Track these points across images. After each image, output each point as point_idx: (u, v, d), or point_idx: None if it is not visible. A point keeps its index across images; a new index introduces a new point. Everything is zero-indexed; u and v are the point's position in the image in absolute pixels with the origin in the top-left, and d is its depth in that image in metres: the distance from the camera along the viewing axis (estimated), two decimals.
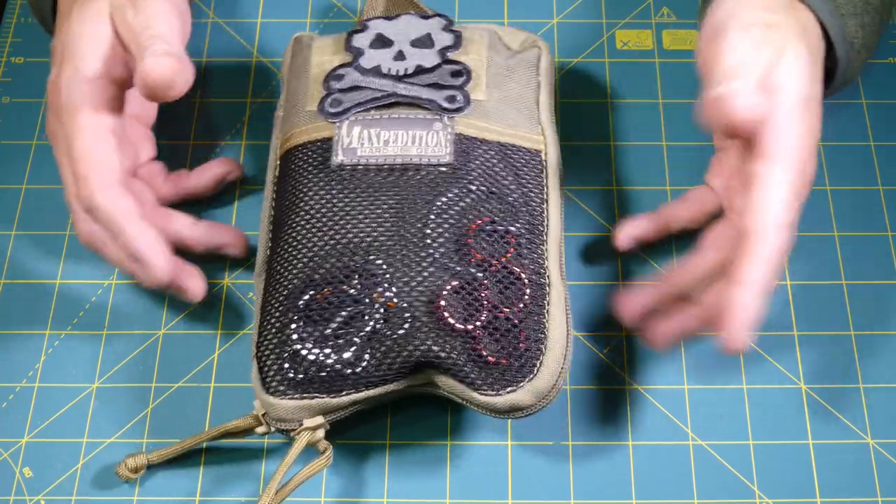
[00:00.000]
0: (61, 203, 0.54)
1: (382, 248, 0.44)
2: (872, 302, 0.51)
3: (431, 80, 0.48)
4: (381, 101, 0.47)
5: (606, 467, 0.47)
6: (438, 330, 0.42)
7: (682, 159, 0.55)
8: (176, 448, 0.46)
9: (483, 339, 0.43)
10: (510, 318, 0.43)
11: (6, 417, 0.48)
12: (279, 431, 0.44)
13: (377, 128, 0.47)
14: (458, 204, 0.45)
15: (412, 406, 0.48)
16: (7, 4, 0.61)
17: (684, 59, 0.58)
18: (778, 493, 0.46)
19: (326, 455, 0.43)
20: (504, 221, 0.45)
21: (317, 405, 0.43)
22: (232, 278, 0.52)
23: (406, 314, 0.43)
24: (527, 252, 0.45)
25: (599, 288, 0.51)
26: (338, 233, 0.44)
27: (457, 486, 0.47)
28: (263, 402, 0.43)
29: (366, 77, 0.48)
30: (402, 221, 0.44)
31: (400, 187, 0.45)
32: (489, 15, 0.60)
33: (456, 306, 0.43)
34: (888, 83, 0.57)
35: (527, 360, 0.43)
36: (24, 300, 0.51)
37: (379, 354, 0.42)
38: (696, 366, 0.49)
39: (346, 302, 0.43)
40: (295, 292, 0.44)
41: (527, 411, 0.43)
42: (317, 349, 0.43)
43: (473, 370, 0.42)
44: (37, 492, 0.47)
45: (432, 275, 0.43)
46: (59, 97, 0.45)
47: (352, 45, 0.49)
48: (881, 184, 0.54)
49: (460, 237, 0.44)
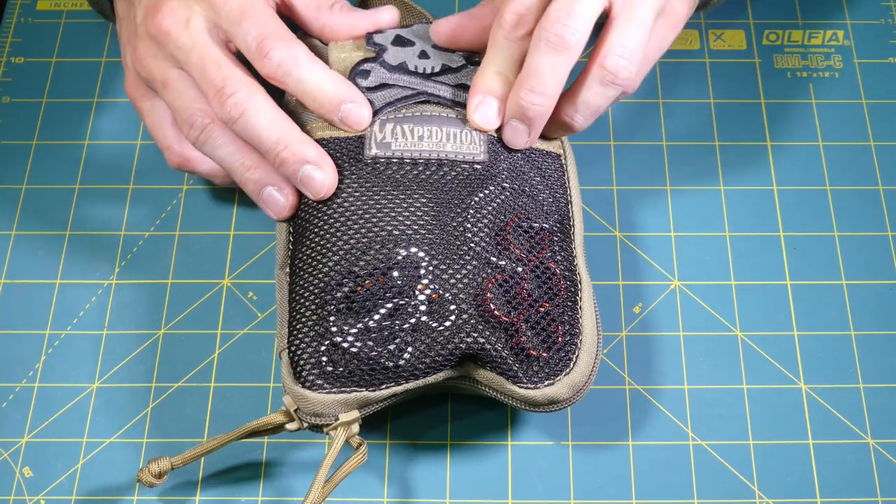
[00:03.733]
0: (61, 203, 0.54)
1: (424, 240, 0.44)
2: (872, 302, 0.51)
3: (458, 80, 0.48)
4: (412, 100, 0.47)
5: (606, 467, 0.47)
6: (485, 322, 0.42)
7: (683, 159, 0.55)
8: (200, 450, 0.44)
9: (525, 333, 0.43)
10: (549, 313, 0.43)
11: (6, 417, 0.48)
12: (311, 427, 0.43)
13: (410, 123, 0.46)
14: (495, 201, 0.45)
15: (412, 406, 0.48)
16: (7, 4, 0.61)
17: (685, 59, 0.58)
18: (778, 493, 0.47)
19: (362, 451, 0.43)
20: (539, 219, 0.45)
21: (355, 399, 0.42)
22: (232, 278, 0.52)
23: (451, 306, 0.42)
24: (559, 249, 0.45)
25: (600, 288, 0.51)
26: (376, 225, 0.44)
27: (457, 486, 0.47)
28: (296, 397, 0.42)
29: (393, 74, 0.47)
30: (440, 215, 0.44)
31: (436, 183, 0.45)
32: None
33: (500, 299, 0.43)
34: (888, 83, 0.57)
35: (564, 353, 0.43)
36: (24, 300, 0.51)
37: (423, 347, 0.42)
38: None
39: (390, 294, 0.43)
40: (332, 284, 0.43)
41: (563, 405, 0.43)
42: (359, 342, 0.42)
43: (515, 363, 0.42)
44: (37, 492, 0.47)
45: (476, 268, 0.43)
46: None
47: (373, 41, 0.49)
48: (881, 184, 0.54)
49: (499, 232, 0.45)
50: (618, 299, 0.51)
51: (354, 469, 0.43)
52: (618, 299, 0.51)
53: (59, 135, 0.56)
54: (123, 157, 0.55)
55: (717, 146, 0.55)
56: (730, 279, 0.51)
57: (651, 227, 0.53)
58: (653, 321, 0.50)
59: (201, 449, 0.44)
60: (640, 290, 0.51)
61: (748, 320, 0.50)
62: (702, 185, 0.54)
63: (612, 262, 0.52)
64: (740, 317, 0.51)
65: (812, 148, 0.55)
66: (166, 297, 0.51)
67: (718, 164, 0.55)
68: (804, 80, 0.57)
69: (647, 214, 0.53)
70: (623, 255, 0.52)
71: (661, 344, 0.50)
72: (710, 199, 0.54)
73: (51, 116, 0.56)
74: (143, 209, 0.54)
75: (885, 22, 0.59)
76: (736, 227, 0.53)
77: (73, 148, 0.55)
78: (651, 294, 0.51)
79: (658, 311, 0.51)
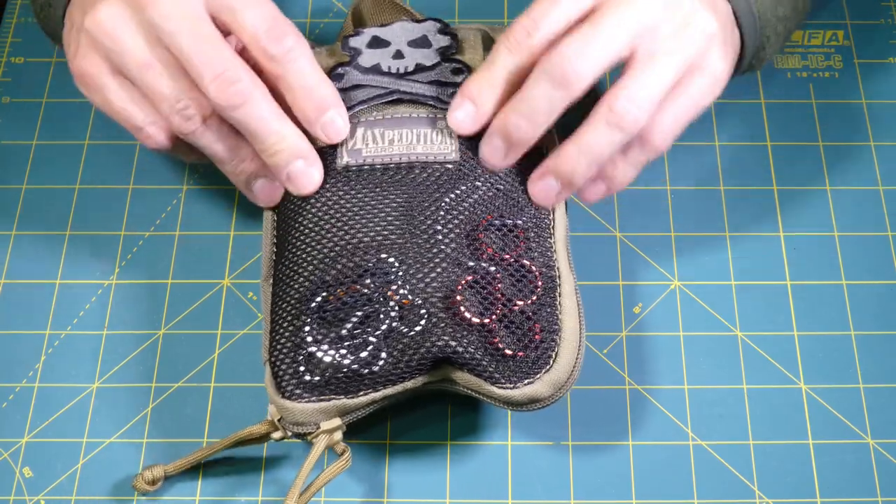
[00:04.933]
0: (61, 203, 0.54)
1: (394, 246, 0.44)
2: (872, 302, 0.51)
3: (433, 77, 0.48)
4: (384, 99, 0.47)
5: (606, 467, 0.47)
6: (455, 325, 0.42)
7: (682, 159, 0.55)
8: (191, 458, 0.45)
9: (499, 333, 0.43)
10: (524, 311, 0.43)
11: (6, 417, 0.48)
12: (296, 436, 0.43)
13: (381, 128, 0.46)
14: (467, 200, 0.45)
15: (412, 406, 0.48)
16: (7, 4, 0.61)
17: None
18: (778, 493, 0.47)
19: (345, 457, 0.43)
20: (512, 216, 0.45)
21: (334, 407, 0.42)
22: (232, 278, 0.52)
23: (422, 311, 0.43)
24: (535, 245, 0.45)
25: (600, 288, 0.51)
26: (347, 233, 0.44)
27: (457, 486, 0.47)
28: (279, 407, 0.43)
29: (366, 75, 0.48)
30: (411, 219, 0.44)
31: (407, 185, 0.45)
32: (489, 15, 0.60)
33: (471, 301, 0.43)
34: (888, 83, 0.57)
35: (542, 351, 0.43)
36: (24, 300, 0.51)
37: (396, 353, 0.42)
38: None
39: (361, 301, 0.43)
40: (307, 294, 0.43)
41: (544, 403, 0.43)
42: (332, 350, 0.42)
43: (491, 364, 0.42)
44: (37, 492, 0.47)
45: (445, 270, 0.43)
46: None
47: (348, 45, 0.49)
48: (881, 184, 0.54)
49: (471, 232, 0.44)
50: (618, 299, 0.51)
51: (336, 475, 0.43)
52: (618, 299, 0.51)
53: (59, 135, 0.56)
54: (123, 157, 0.55)
55: (717, 146, 0.55)
56: (730, 279, 0.51)
57: (651, 227, 0.53)
58: (653, 321, 0.50)
59: (194, 457, 0.45)
60: (639, 290, 0.51)
61: (748, 320, 0.50)
62: (702, 186, 0.54)
63: (612, 262, 0.52)
64: (740, 317, 0.51)
65: (812, 148, 0.55)
66: (166, 297, 0.51)
67: (718, 164, 0.55)
68: (804, 80, 0.57)
69: (647, 214, 0.53)
70: (623, 255, 0.52)
71: (661, 344, 0.50)
72: (710, 199, 0.54)
73: (51, 116, 0.56)
74: (143, 209, 0.54)
75: (885, 22, 0.59)
76: (736, 227, 0.53)
77: (73, 148, 0.55)
78: (651, 294, 0.51)
79: (658, 312, 0.51)
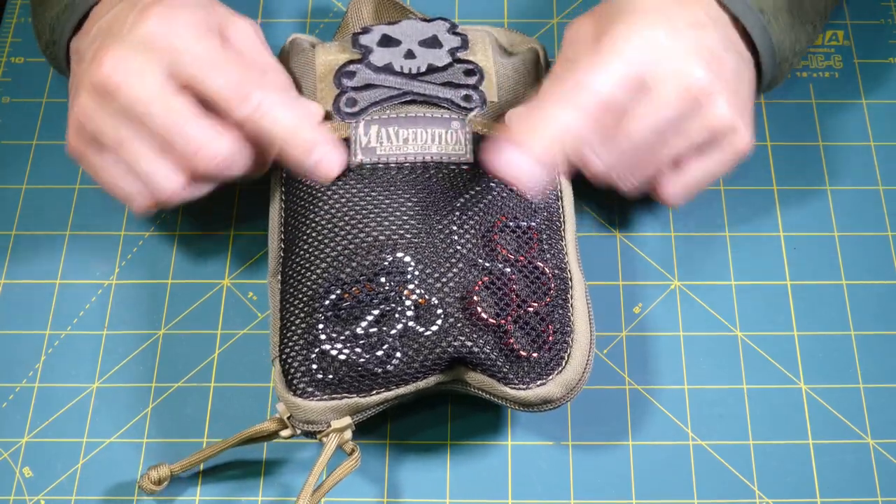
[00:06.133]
0: (61, 203, 0.54)
1: (409, 245, 0.44)
2: (872, 302, 0.51)
3: (445, 78, 0.48)
4: (397, 100, 0.47)
5: (606, 467, 0.47)
6: (472, 325, 0.42)
7: None
8: (197, 457, 0.45)
9: (514, 334, 0.43)
10: (538, 312, 0.43)
11: (6, 417, 0.48)
12: (305, 434, 0.43)
13: (395, 126, 0.46)
14: (482, 201, 0.45)
15: (413, 406, 0.48)
16: (7, 4, 0.61)
17: None
18: (778, 493, 0.47)
19: (355, 456, 0.43)
20: (526, 218, 0.45)
21: (346, 405, 0.42)
22: (232, 278, 0.52)
23: (438, 310, 0.43)
24: (548, 247, 0.45)
25: (600, 288, 0.51)
26: (362, 231, 0.44)
27: (457, 485, 0.47)
28: (289, 404, 0.43)
29: (379, 75, 0.47)
30: (427, 218, 0.44)
31: (422, 185, 0.45)
32: (489, 15, 0.60)
33: (488, 301, 0.43)
34: (888, 83, 0.57)
35: (555, 353, 0.43)
36: (24, 300, 0.51)
37: (411, 352, 0.42)
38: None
39: (377, 300, 0.43)
40: (320, 291, 0.43)
41: (556, 404, 0.43)
42: (347, 349, 0.42)
43: (505, 365, 0.42)
44: (37, 492, 0.47)
45: (462, 271, 0.43)
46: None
47: (359, 43, 0.49)
48: (881, 184, 0.54)
49: (486, 233, 0.44)
50: (618, 299, 0.51)
51: (346, 475, 0.43)
52: (618, 299, 0.51)
53: (59, 135, 0.56)
54: None
55: None
56: (730, 279, 0.51)
57: (651, 227, 0.53)
58: (653, 321, 0.50)
59: (199, 455, 0.45)
60: (639, 291, 0.51)
61: (748, 320, 0.50)
62: None
63: (612, 262, 0.52)
64: (740, 317, 0.51)
65: (812, 148, 0.55)
66: (166, 297, 0.51)
67: None
68: (804, 80, 0.57)
69: (647, 214, 0.53)
70: (623, 255, 0.52)
71: (661, 344, 0.50)
72: (710, 199, 0.54)
73: (51, 116, 0.56)
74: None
75: (885, 22, 0.59)
76: (736, 227, 0.53)
77: None
78: (651, 294, 0.51)
79: (658, 312, 0.51)
